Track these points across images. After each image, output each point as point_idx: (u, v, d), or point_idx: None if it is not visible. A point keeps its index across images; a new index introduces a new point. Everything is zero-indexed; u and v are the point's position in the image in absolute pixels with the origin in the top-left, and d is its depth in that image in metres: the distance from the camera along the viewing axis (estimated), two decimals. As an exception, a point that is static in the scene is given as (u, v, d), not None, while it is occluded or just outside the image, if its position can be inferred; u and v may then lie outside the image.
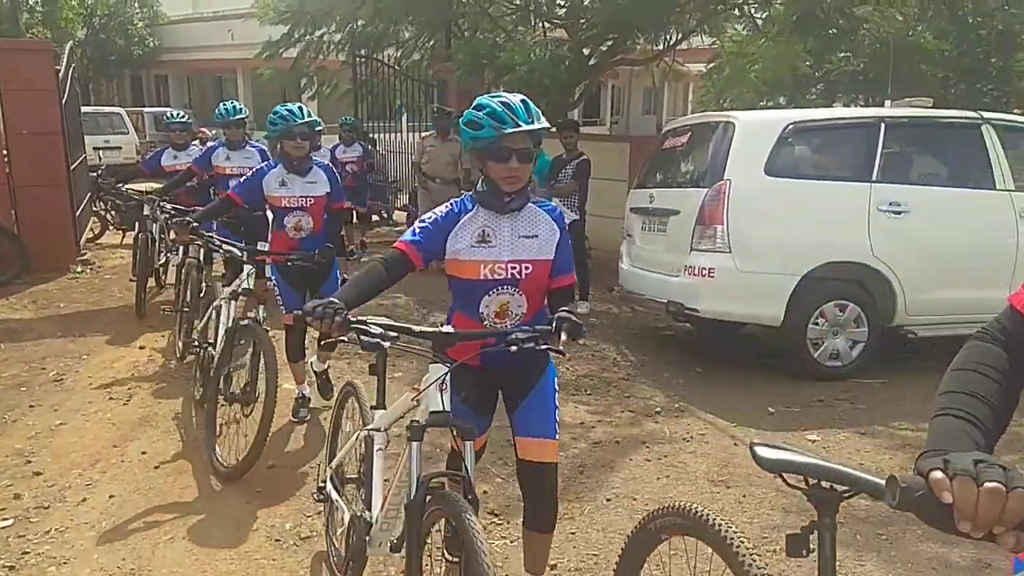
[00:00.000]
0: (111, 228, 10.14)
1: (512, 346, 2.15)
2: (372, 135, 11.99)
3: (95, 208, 9.98)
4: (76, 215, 8.36)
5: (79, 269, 8.09)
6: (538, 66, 8.83)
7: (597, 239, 7.85)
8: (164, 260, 6.93)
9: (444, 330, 2.21)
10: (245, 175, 5.58)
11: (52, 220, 7.87)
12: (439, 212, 2.36)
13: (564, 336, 2.14)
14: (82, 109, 11.09)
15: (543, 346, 2.18)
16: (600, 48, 10.51)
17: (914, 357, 5.49)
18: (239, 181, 4.32)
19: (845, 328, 5.25)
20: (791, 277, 5.13)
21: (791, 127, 5.32)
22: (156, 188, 6.44)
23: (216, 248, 4.10)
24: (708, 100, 11.80)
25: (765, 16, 9.92)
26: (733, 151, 5.23)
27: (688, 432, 4.42)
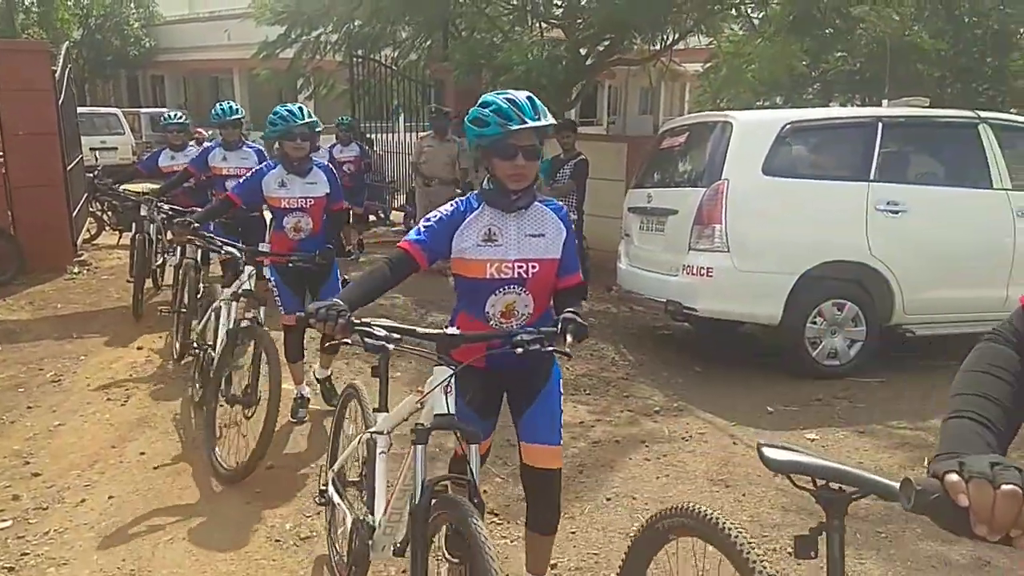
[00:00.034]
0: (107, 229, 10.12)
1: (517, 348, 2.12)
2: (369, 135, 11.99)
3: (91, 209, 9.97)
4: (73, 216, 8.35)
5: (76, 270, 8.07)
6: (535, 66, 8.82)
7: (595, 239, 7.86)
8: (161, 261, 6.91)
9: (449, 332, 2.17)
10: (242, 175, 5.60)
11: (49, 221, 7.85)
12: (444, 211, 2.33)
13: (570, 338, 2.11)
14: (78, 110, 11.07)
15: (548, 348, 2.15)
16: (597, 48, 10.50)
17: (912, 356, 5.50)
18: (238, 182, 4.31)
19: (843, 327, 5.26)
20: (789, 276, 5.14)
21: (789, 127, 5.33)
22: (153, 189, 6.43)
23: (217, 249, 4.08)
24: (705, 100, 11.82)
25: (762, 16, 9.91)
26: (731, 151, 5.24)
27: (687, 431, 4.42)
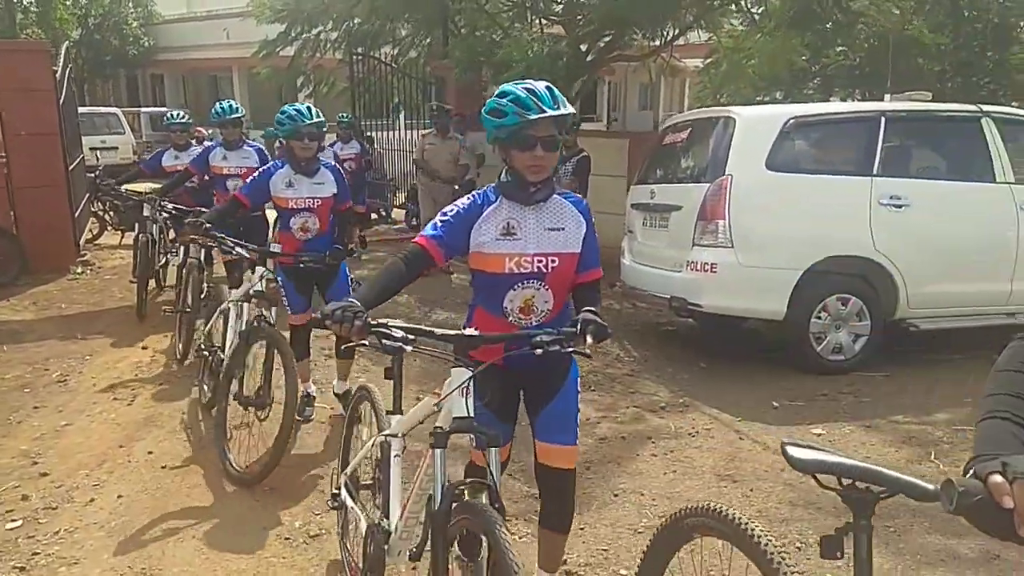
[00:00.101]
0: (109, 228, 10.13)
1: (537, 349, 2.07)
2: (369, 133, 11.99)
3: (93, 209, 9.97)
4: (75, 216, 8.34)
5: (79, 270, 8.08)
6: (536, 63, 8.81)
7: (598, 235, 7.83)
8: (164, 261, 6.92)
9: (467, 333, 2.12)
10: (243, 175, 5.60)
11: (51, 221, 7.85)
12: (461, 205, 2.27)
13: (589, 339, 2.05)
14: (79, 110, 11.06)
15: (568, 349, 2.10)
16: (597, 44, 10.50)
17: (916, 350, 5.51)
18: (246, 182, 4.29)
19: (848, 322, 5.26)
20: (793, 271, 5.14)
21: (792, 122, 5.33)
22: (155, 188, 6.42)
23: (229, 249, 4.04)
24: (705, 96, 11.83)
25: (762, 11, 9.90)
26: (734, 146, 5.24)
27: (693, 427, 4.43)
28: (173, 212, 5.91)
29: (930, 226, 5.28)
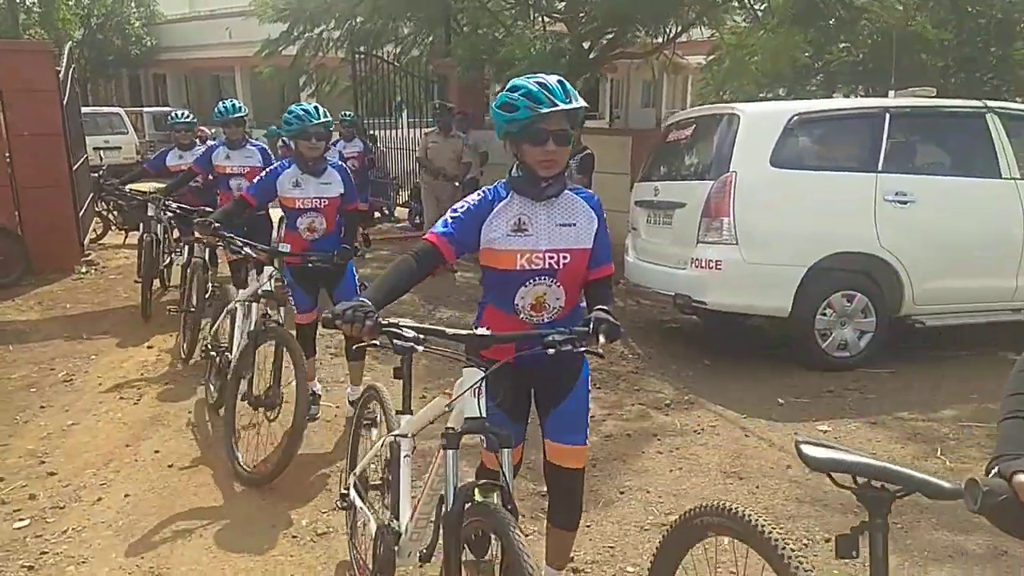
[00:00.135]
0: (113, 228, 10.14)
1: (549, 349, 2.04)
2: (372, 132, 11.99)
3: (97, 208, 9.97)
4: (79, 216, 8.35)
5: (83, 270, 8.09)
6: (538, 60, 8.78)
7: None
8: (169, 261, 6.92)
9: (479, 332, 2.09)
10: (246, 174, 5.61)
11: (55, 221, 7.87)
12: (472, 201, 2.25)
13: (602, 339, 2.02)
14: (82, 110, 11.08)
15: (581, 348, 2.07)
16: (600, 42, 10.48)
17: (922, 347, 5.50)
18: (253, 182, 4.29)
19: (853, 318, 5.26)
20: (798, 268, 5.13)
21: (796, 118, 5.32)
22: (159, 188, 6.43)
23: (238, 249, 4.03)
24: (708, 92, 11.78)
25: (764, 7, 9.88)
26: (738, 143, 5.23)
27: (699, 424, 4.43)
28: (177, 211, 5.91)
29: (935, 222, 5.27)
